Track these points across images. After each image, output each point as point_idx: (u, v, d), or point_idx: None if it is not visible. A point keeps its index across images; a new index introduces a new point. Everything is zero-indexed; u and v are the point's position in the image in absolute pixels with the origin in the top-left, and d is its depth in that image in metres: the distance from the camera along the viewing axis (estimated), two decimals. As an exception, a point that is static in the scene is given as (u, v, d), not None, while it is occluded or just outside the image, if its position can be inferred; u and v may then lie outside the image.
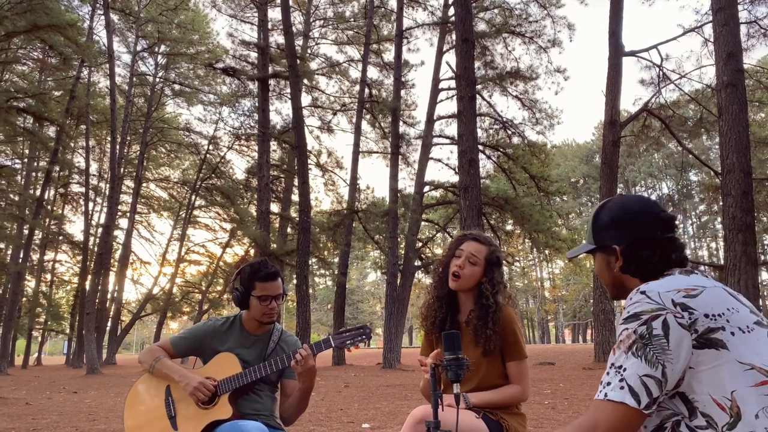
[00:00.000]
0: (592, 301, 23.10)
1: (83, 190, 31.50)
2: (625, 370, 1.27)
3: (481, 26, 23.05)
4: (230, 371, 2.50)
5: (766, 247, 37.31)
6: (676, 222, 1.53)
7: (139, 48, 31.35)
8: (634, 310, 1.31)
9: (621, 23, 16.58)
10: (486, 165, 23.63)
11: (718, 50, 10.43)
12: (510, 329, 2.33)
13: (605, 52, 16.64)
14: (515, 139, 23.36)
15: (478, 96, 18.50)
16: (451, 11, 21.94)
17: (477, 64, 19.87)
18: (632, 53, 17.41)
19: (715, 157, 35.21)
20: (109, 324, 30.41)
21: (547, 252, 25.16)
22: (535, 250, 28.76)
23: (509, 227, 25.30)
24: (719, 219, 44.42)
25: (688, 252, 1.53)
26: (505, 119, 23.23)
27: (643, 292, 1.32)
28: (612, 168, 16.27)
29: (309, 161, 22.78)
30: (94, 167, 33.67)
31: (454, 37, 20.18)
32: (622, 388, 1.26)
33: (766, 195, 20.75)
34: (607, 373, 1.31)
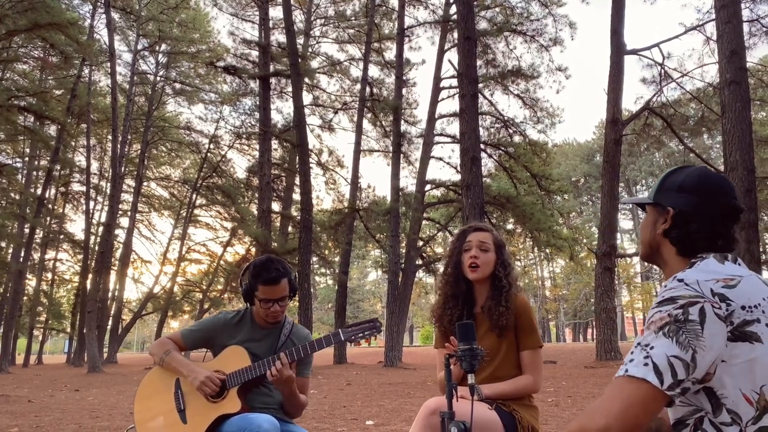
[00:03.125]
0: (593, 300, 23.07)
1: (84, 188, 31.48)
2: (652, 348, 1.21)
3: (483, 24, 23.02)
4: (239, 364, 2.49)
5: (767, 246, 37.26)
6: (740, 216, 1.47)
7: (140, 47, 31.36)
8: (671, 294, 1.26)
9: (623, 21, 16.57)
10: (487, 164, 23.62)
11: (721, 48, 10.41)
12: (527, 317, 2.35)
13: (607, 50, 16.64)
14: (516, 138, 23.34)
15: (479, 94, 18.48)
16: (453, 9, 21.94)
17: (478, 62, 19.86)
18: (634, 51, 17.41)
19: (716, 156, 35.20)
20: (110, 323, 30.42)
21: (548, 251, 25.09)
22: (536, 249, 28.73)
23: (510, 226, 25.28)
24: (720, 218, 44.32)
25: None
26: (506, 118, 23.22)
27: (680, 280, 1.28)
28: (614, 166, 16.26)
29: (310, 160, 22.78)
30: (95, 166, 33.69)
31: (455, 35, 20.17)
32: (645, 365, 1.20)
33: (767, 193, 20.75)
34: (631, 352, 1.26)
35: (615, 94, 16.25)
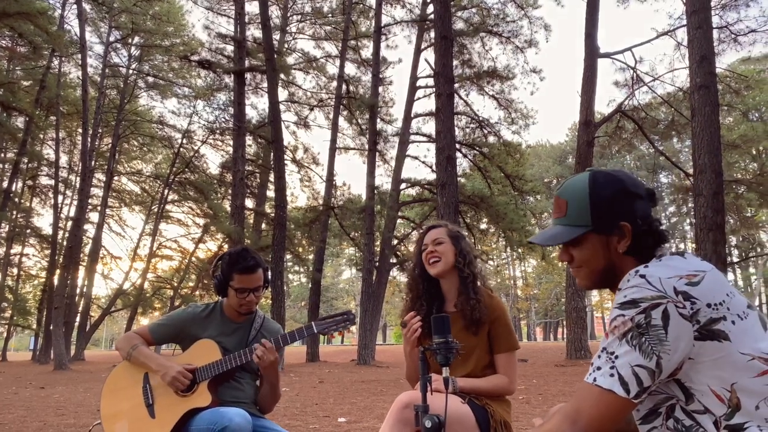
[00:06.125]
0: (563, 299, 23.34)
1: (52, 182, 30.81)
2: (617, 357, 1.21)
3: (459, 25, 23.13)
4: (210, 358, 2.45)
5: (732, 248, 38.24)
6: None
7: (112, 39, 30.75)
8: (632, 296, 1.22)
9: (597, 25, 16.79)
10: (462, 163, 23.76)
11: (692, 53, 10.61)
12: (504, 320, 2.34)
13: (580, 53, 16.85)
14: (491, 138, 23.51)
15: (455, 94, 18.57)
16: (430, 9, 22.01)
17: (455, 62, 19.94)
18: (607, 55, 17.65)
19: (686, 160, 35.92)
20: (77, 319, 29.84)
21: (520, 250, 25.36)
22: (508, 248, 28.98)
23: (484, 225, 25.47)
24: (688, 220, 45.37)
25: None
26: (481, 118, 23.37)
27: (642, 276, 1.24)
28: (586, 168, 16.43)
29: (285, 156, 22.59)
30: (64, 159, 32.96)
31: (432, 35, 20.21)
32: (612, 375, 1.21)
33: (734, 197, 21.23)
34: (599, 357, 1.26)
35: (588, 96, 16.46)
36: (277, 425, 2.52)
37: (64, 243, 27.13)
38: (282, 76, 24.44)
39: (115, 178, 33.47)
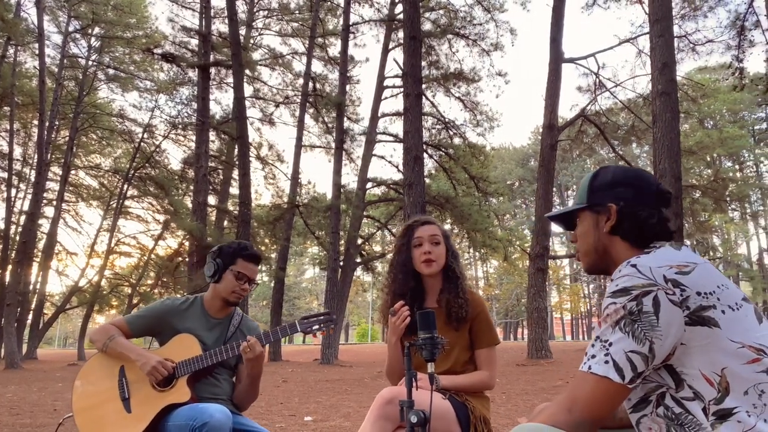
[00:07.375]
0: (524, 300, 23.67)
1: (5, 175, 29.76)
2: (611, 345, 1.25)
3: (427, 26, 23.24)
4: (190, 353, 2.40)
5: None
6: (671, 200, 1.50)
7: (71, 29, 29.84)
8: (624, 284, 1.27)
9: (562, 30, 17.08)
10: (428, 164, 23.85)
11: (654, 60, 10.88)
12: (483, 316, 2.36)
13: (544, 57, 17.15)
14: (456, 140, 23.71)
15: (422, 95, 18.64)
16: (398, 9, 22.06)
17: (422, 63, 20.03)
18: (571, 60, 17.98)
19: (644, 164, 36.89)
20: (30, 317, 28.93)
21: (483, 251, 25.62)
22: (472, 249, 29.25)
23: (447, 226, 25.64)
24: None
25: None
26: (447, 119, 23.53)
27: (633, 266, 1.28)
28: (549, 171, 16.74)
29: (250, 153, 22.32)
30: (18, 152, 31.81)
31: (400, 34, 20.27)
32: (606, 362, 1.24)
33: (689, 201, 21.88)
34: (593, 346, 1.29)
35: (552, 100, 16.75)
36: (255, 422, 2.49)
37: (17, 238, 26.24)
38: (247, 71, 24.16)
39: (72, 171, 32.53)
